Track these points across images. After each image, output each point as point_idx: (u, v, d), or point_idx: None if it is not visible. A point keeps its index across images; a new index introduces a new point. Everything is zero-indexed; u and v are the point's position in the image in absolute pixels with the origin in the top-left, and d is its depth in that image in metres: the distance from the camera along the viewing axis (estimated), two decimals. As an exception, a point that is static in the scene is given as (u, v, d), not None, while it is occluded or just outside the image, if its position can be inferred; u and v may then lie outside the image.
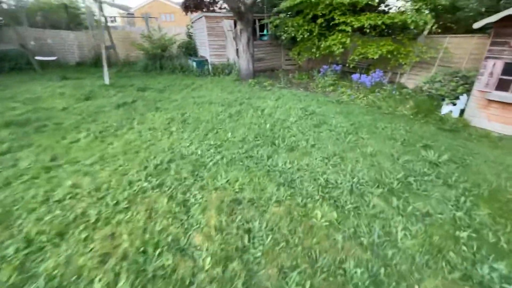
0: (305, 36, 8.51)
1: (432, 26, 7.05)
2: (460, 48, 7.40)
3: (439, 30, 7.01)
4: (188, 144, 3.91)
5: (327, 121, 5.21)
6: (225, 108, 5.86)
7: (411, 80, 8.57)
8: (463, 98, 5.60)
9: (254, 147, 3.91)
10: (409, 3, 6.99)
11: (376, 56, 7.41)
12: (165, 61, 11.18)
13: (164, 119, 4.97)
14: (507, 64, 4.86)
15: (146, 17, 13.61)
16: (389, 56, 7.59)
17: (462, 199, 2.86)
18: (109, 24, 12.36)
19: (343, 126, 4.95)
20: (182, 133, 4.35)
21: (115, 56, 11.52)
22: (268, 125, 4.85)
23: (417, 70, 8.38)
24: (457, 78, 5.98)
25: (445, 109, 5.84)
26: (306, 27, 8.53)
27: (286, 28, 8.74)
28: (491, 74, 5.08)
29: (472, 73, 5.92)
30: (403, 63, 7.69)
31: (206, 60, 10.72)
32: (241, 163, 3.39)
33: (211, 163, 3.36)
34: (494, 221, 2.56)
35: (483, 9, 6.13)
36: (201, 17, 10.64)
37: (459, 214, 2.62)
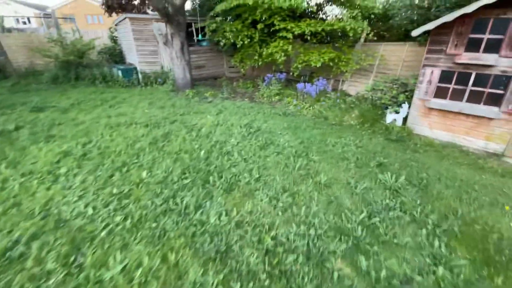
0: (246, 42, 7.78)
1: (368, 34, 7.01)
2: (394, 56, 7.56)
3: (375, 38, 7.03)
4: (76, 198, 2.63)
5: (274, 140, 4.46)
6: (149, 131, 4.65)
7: (352, 87, 8.57)
8: (405, 106, 5.49)
9: (179, 190, 2.88)
10: (346, 11, 6.85)
11: (318, 64, 7.07)
12: (83, 70, 9.23)
13: (53, 155, 3.53)
14: (444, 72, 4.81)
15: (53, 17, 11.24)
16: (331, 64, 7.34)
17: (436, 243, 2.32)
18: (18, 26, 9.76)
19: (292, 145, 4.26)
20: (73, 177, 3.02)
21: (9, 66, 9.07)
22: (202, 152, 3.85)
23: (357, 77, 8.38)
24: (396, 86, 5.90)
25: (389, 117, 5.67)
26: (246, 33, 7.81)
27: (224, 34, 7.89)
28: (429, 82, 5.00)
29: (411, 81, 5.90)
30: (344, 70, 7.53)
31: (135, 68, 9.18)
32: (153, 225, 2.32)
33: (104, 232, 2.19)
34: (479, 274, 2.04)
35: (415, 17, 6.23)
36: (124, 18, 9.07)
37: (440, 271, 2.03)
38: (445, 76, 4.84)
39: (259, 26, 7.38)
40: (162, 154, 3.76)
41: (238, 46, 7.86)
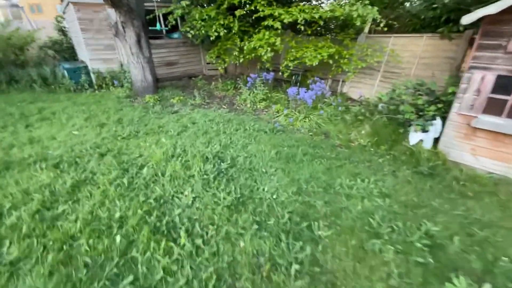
0: (222, 34, 5.99)
1: (379, 23, 5.38)
2: (407, 51, 6.00)
3: (385, 29, 5.44)
4: None
5: (256, 188, 2.83)
6: (53, 178, 2.87)
7: (354, 89, 6.98)
8: (437, 123, 3.93)
9: None
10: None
11: (315, 63, 5.41)
12: (18, 70, 7.20)
13: None
14: (502, 78, 3.26)
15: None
16: (330, 61, 5.69)
17: None
18: None
19: (285, 200, 2.63)
20: None
21: None
22: (118, 239, 2.13)
23: (360, 77, 6.79)
24: (421, 93, 4.33)
25: (414, 138, 4.11)
26: (221, 21, 6.02)
27: (194, 22, 6.07)
28: (477, 91, 3.45)
29: (449, 89, 4.32)
30: (347, 70, 5.90)
31: (84, 66, 7.22)
32: None
33: None
34: None
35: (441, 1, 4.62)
36: (67, 4, 7.05)
37: None
38: (503, 84, 3.29)
39: (238, 12, 5.62)
40: (38, 247, 2.02)
41: (212, 38, 6.07)
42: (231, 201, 2.53)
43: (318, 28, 6.84)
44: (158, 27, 5.47)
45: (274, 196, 2.67)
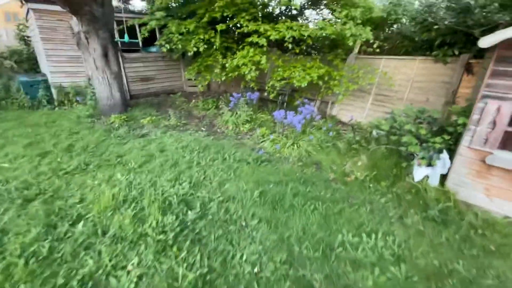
0: (201, 49, 5.38)
1: (372, 44, 4.99)
2: (399, 73, 5.64)
3: (377, 50, 5.07)
4: None
5: (230, 256, 2.07)
6: None
7: (344, 112, 6.52)
8: (445, 157, 3.40)
9: None
10: (340, 13, 4.81)
11: (304, 84, 4.88)
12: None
13: None
14: (521, 110, 2.80)
15: None
16: (320, 83, 5.19)
17: None
18: None
19: (271, 274, 1.90)
20: None
21: None
22: None
23: (350, 99, 6.35)
24: (424, 121, 3.85)
25: (419, 173, 3.56)
26: (201, 36, 5.42)
27: (170, 36, 5.43)
28: (492, 124, 2.97)
29: (459, 120, 3.84)
30: (337, 92, 5.42)
31: (43, 80, 6.31)
32: None
33: None
34: None
35: (441, 22, 4.27)
36: (28, 11, 6.24)
37: None
38: (522, 116, 2.83)
39: (219, 27, 5.05)
40: None
41: (189, 54, 5.44)
42: (194, 282, 1.75)
43: (306, 47, 6.43)
44: (126, 39, 4.78)
45: (256, 269, 1.92)
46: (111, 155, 3.75)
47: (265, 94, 5.57)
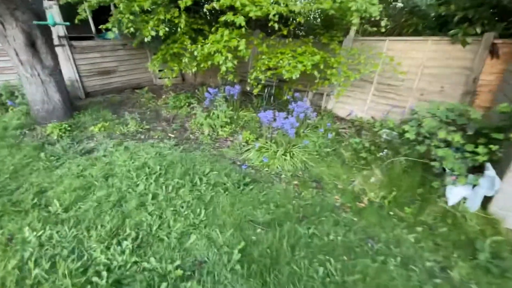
0: (161, 33, 4.14)
1: (378, 22, 3.95)
2: (407, 58, 4.68)
3: (383, 30, 4.05)
4: None
5: None
6: None
7: (341, 104, 5.56)
8: (492, 174, 2.50)
9: None
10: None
11: (295, 76, 3.82)
12: None
13: None
14: None
15: None
16: (314, 72, 4.14)
17: None
18: None
19: None
20: None
21: None
22: None
23: (348, 90, 5.34)
24: (456, 122, 2.92)
25: (454, 194, 2.68)
26: (161, 16, 4.16)
27: (120, 16, 4.13)
28: None
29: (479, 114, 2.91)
30: (335, 82, 4.40)
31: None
32: None
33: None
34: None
35: None
36: None
37: None
38: None
39: (182, 4, 3.81)
40: None
41: (147, 40, 4.20)
42: None
43: (296, 28, 5.29)
44: (50, 20, 3.47)
45: None
46: (29, 191, 2.60)
47: (248, 88, 4.47)
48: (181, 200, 2.58)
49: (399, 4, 5.00)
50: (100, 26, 4.58)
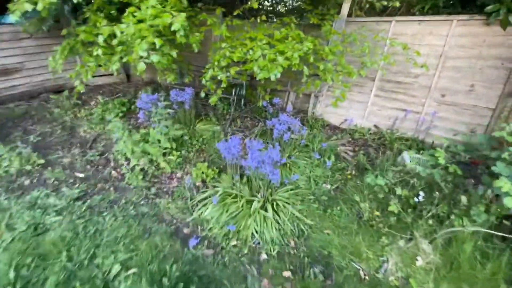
0: (42, 7, 2.36)
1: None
2: (422, 45, 3.39)
3: (397, 4, 2.70)
4: None
5: None
6: None
7: (334, 109, 4.15)
8: None
9: None
10: None
11: (275, 75, 2.32)
12: None
13: None
14: None
15: None
16: (302, 68, 2.67)
17: None
18: None
19: None
20: None
21: None
22: None
23: (339, 89, 3.96)
24: None
25: None
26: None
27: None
28: None
29: None
30: (331, 82, 2.95)
31: None
32: None
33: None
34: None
35: None
36: None
37: None
38: None
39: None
40: None
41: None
42: None
43: (273, 3, 3.75)
44: None
45: None
46: None
47: (202, 94, 2.88)
48: None
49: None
50: None
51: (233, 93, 4.09)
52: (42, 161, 2.83)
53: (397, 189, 2.01)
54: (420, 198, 2.07)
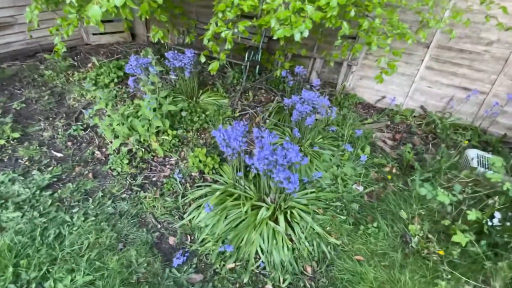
0: None
1: None
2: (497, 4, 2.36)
3: None
4: None
5: None
6: None
7: (369, 82, 3.31)
8: None
9: None
10: None
11: (303, 33, 1.57)
12: None
13: None
14: None
15: None
16: (342, 23, 1.87)
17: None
18: None
19: None
20: None
21: None
22: None
23: (377, 56, 3.07)
24: None
25: None
26: None
27: None
28: None
29: None
30: (375, 47, 2.12)
31: None
32: None
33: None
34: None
35: None
36: None
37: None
38: None
39: None
40: None
41: None
42: None
43: None
44: None
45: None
46: None
47: (202, 59, 2.19)
48: None
49: None
50: None
51: (246, 59, 3.33)
52: (17, 135, 2.38)
53: (470, 212, 1.35)
54: (495, 221, 1.42)
